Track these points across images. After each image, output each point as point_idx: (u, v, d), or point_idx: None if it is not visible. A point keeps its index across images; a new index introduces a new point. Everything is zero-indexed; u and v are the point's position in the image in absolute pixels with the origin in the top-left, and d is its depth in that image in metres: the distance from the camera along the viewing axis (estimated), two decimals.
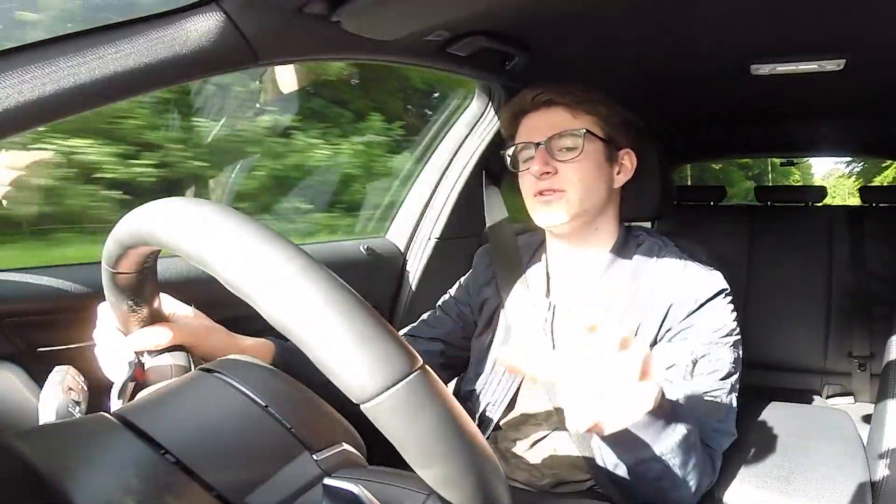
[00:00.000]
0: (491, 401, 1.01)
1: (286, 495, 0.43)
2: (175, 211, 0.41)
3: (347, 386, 0.34)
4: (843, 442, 1.08)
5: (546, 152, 0.94)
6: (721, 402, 0.87)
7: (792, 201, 2.30)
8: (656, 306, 0.92)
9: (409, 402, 0.34)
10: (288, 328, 0.35)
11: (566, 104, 0.95)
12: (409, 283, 1.46)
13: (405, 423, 0.34)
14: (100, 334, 0.66)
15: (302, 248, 0.37)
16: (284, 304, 0.35)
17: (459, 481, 0.36)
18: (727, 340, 0.90)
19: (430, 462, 0.36)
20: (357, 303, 0.36)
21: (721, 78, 1.42)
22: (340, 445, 0.48)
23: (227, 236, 0.37)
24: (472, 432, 0.37)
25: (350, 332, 0.34)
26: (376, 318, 0.36)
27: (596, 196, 0.96)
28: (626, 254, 0.99)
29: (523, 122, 1.00)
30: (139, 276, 0.53)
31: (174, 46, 0.68)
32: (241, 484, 0.42)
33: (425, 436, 0.35)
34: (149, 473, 0.40)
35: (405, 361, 0.35)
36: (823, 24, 1.06)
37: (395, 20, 0.91)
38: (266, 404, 0.48)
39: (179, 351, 0.64)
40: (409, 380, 0.34)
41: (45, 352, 0.84)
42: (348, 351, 0.34)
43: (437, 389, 0.36)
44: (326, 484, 0.40)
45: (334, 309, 0.35)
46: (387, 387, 0.34)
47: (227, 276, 0.36)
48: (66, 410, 0.52)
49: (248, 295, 0.36)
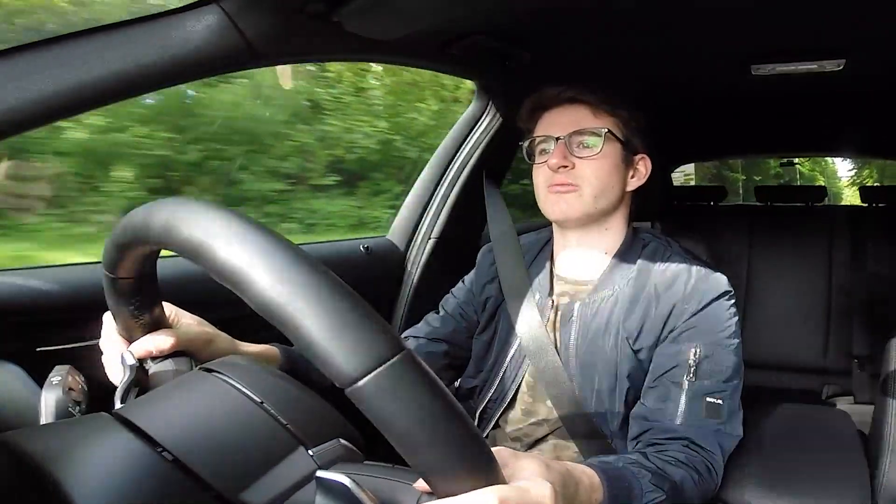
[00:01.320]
0: (491, 398, 1.02)
1: (282, 490, 0.43)
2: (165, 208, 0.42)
3: (331, 370, 0.34)
4: (843, 442, 1.08)
5: (565, 147, 0.95)
6: (724, 403, 0.87)
7: (792, 201, 2.31)
8: (660, 306, 0.92)
9: (394, 386, 0.34)
10: (272, 314, 0.35)
11: (589, 103, 0.96)
12: (409, 283, 1.46)
13: (390, 407, 0.34)
14: (105, 342, 0.66)
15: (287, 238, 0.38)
16: (267, 290, 0.35)
17: (448, 467, 0.36)
18: (730, 342, 0.90)
19: (416, 447, 0.35)
20: (339, 287, 0.36)
21: (721, 78, 1.42)
22: (337, 441, 0.49)
23: (213, 228, 0.38)
24: (460, 416, 0.37)
25: (332, 316, 0.34)
26: (359, 302, 0.36)
27: (609, 196, 0.97)
28: (632, 254, 1.00)
29: (544, 117, 1.00)
30: (138, 282, 0.54)
31: (174, 46, 0.68)
32: (238, 480, 0.43)
33: (411, 420, 0.35)
34: (147, 472, 0.41)
35: (388, 344, 0.35)
36: (823, 25, 1.06)
37: (395, 20, 0.91)
38: (261, 401, 0.48)
39: (182, 356, 0.65)
40: (392, 362, 0.34)
41: (45, 352, 0.84)
42: (331, 335, 0.34)
43: (423, 373, 0.35)
44: (319, 476, 0.40)
45: (316, 294, 0.35)
46: (369, 369, 0.34)
47: (213, 265, 0.37)
48: (66, 410, 0.52)
49: (233, 283, 0.36)
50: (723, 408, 0.86)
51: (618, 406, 0.91)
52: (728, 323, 0.91)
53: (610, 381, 0.92)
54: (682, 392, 0.86)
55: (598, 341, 0.93)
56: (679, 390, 0.86)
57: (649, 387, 0.90)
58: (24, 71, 0.60)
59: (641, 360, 0.91)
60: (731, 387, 0.89)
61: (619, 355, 0.91)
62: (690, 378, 0.87)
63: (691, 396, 0.86)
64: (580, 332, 0.95)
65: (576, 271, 1.02)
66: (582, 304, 0.96)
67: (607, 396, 0.92)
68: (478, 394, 1.04)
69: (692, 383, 0.87)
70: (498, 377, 1.01)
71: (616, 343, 0.92)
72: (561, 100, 0.98)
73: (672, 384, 0.87)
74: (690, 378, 0.87)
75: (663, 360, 0.89)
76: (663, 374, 0.88)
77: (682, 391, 0.86)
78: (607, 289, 0.96)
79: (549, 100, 0.99)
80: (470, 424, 0.38)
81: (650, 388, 0.89)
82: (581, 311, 0.96)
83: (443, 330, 1.11)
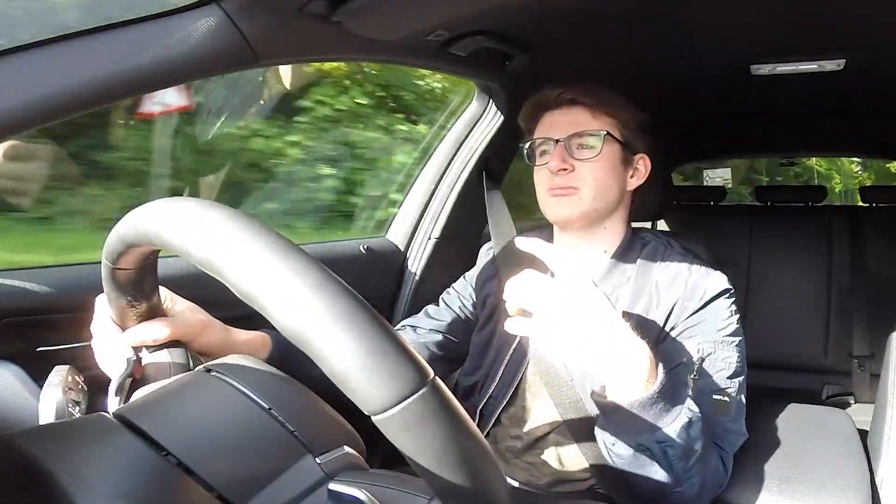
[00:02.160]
0: (492, 395, 1.02)
1: (289, 498, 0.43)
2: (183, 214, 0.40)
3: (360, 398, 0.34)
4: (843, 442, 1.08)
5: (564, 149, 0.96)
6: (730, 400, 0.87)
7: (792, 201, 2.30)
8: (661, 304, 0.93)
9: (421, 416, 0.35)
10: (301, 340, 0.35)
11: (588, 105, 0.97)
12: (408, 283, 1.46)
13: (416, 436, 0.35)
14: (96, 329, 0.65)
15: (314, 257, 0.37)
16: (298, 316, 0.35)
17: (464, 490, 0.37)
18: (732, 340, 0.91)
19: (438, 472, 0.36)
20: (370, 315, 0.36)
21: (721, 78, 1.42)
22: (342, 448, 0.48)
23: (238, 244, 0.37)
24: (480, 444, 0.38)
25: (363, 344, 0.34)
26: (389, 330, 0.36)
27: (608, 196, 0.98)
28: (632, 253, 1.00)
29: (544, 118, 1.01)
30: (139, 273, 0.53)
31: (174, 46, 0.68)
32: (244, 486, 0.42)
33: (435, 448, 0.35)
34: (150, 474, 0.40)
35: (417, 375, 0.35)
36: (823, 25, 1.06)
37: (395, 20, 0.91)
38: (269, 407, 0.48)
39: (177, 346, 0.64)
40: (420, 394, 0.35)
41: (45, 352, 0.84)
42: (361, 364, 0.34)
43: (448, 402, 0.36)
44: (332, 489, 0.40)
45: (347, 322, 0.35)
46: (399, 400, 0.34)
47: (240, 287, 0.36)
48: (66, 410, 0.52)
49: (261, 306, 0.36)
50: (730, 405, 0.87)
51: None
52: (730, 320, 0.91)
53: None
54: (688, 390, 0.86)
55: None
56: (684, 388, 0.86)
57: None
58: (24, 71, 0.60)
59: None
60: (737, 384, 0.89)
61: None
62: (695, 376, 0.86)
63: (697, 394, 0.85)
64: None
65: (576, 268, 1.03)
66: None
67: None
68: (478, 390, 1.04)
69: (696, 381, 0.86)
70: (498, 374, 1.02)
71: None
72: (560, 101, 0.99)
73: (678, 382, 0.87)
74: (695, 376, 0.86)
75: (666, 358, 0.88)
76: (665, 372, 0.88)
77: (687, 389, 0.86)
78: (607, 287, 0.96)
79: (549, 101, 1.00)
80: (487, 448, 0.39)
81: None
82: None
83: (442, 322, 1.11)
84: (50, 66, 0.61)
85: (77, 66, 0.62)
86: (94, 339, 0.66)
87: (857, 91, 1.50)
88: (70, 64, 0.62)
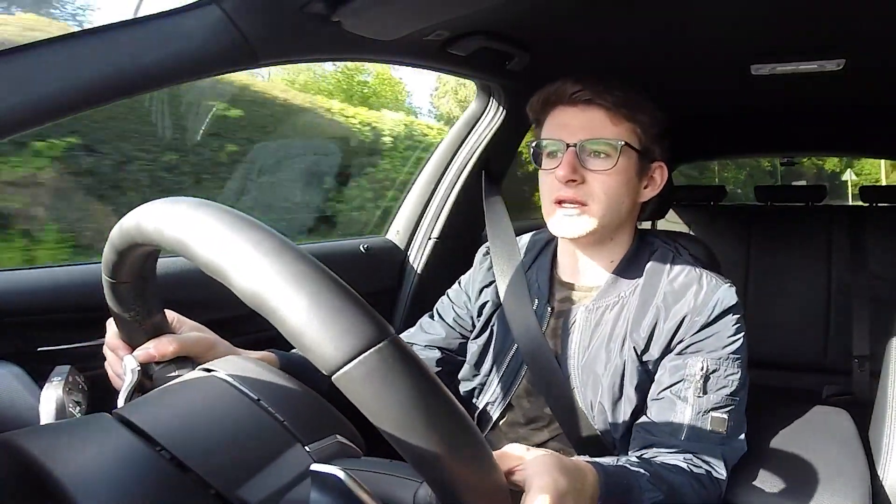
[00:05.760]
0: (489, 401, 1.00)
1: (279, 486, 0.43)
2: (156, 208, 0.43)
3: (316, 357, 0.34)
4: (843, 442, 1.07)
5: (575, 156, 0.87)
6: (729, 417, 0.85)
7: (792, 201, 2.30)
8: (670, 317, 0.89)
9: (380, 372, 0.34)
10: (259, 303, 0.35)
11: (606, 106, 0.88)
12: (408, 283, 1.46)
13: (376, 394, 0.34)
14: (108, 347, 0.67)
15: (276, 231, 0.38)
16: (254, 279, 0.35)
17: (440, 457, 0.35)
18: (737, 357, 0.88)
19: (406, 435, 0.35)
20: (324, 276, 0.36)
21: (721, 78, 1.42)
22: (334, 437, 0.49)
23: (198, 223, 0.38)
24: (449, 403, 0.36)
25: (316, 303, 0.34)
26: (345, 289, 0.36)
27: (619, 211, 0.91)
28: (639, 261, 0.95)
29: (555, 113, 0.92)
30: (138, 286, 0.54)
31: (174, 46, 0.68)
32: (235, 477, 0.43)
33: (399, 407, 0.34)
34: (146, 471, 0.41)
35: (374, 330, 0.34)
36: (823, 24, 1.06)
37: (395, 20, 0.91)
38: (258, 398, 0.49)
39: (185, 361, 0.66)
40: (377, 348, 0.34)
41: (45, 352, 0.84)
42: (315, 322, 0.34)
43: (410, 358, 0.35)
44: (313, 469, 0.40)
45: (301, 281, 0.35)
46: (354, 355, 0.33)
47: (201, 257, 0.37)
48: (66, 410, 0.53)
49: (221, 273, 0.36)
50: (728, 422, 0.85)
51: (620, 415, 0.89)
52: (736, 337, 0.88)
53: (613, 390, 0.89)
54: (688, 406, 0.84)
55: (601, 349, 0.90)
56: (685, 405, 0.84)
57: (654, 399, 0.87)
58: (24, 71, 0.60)
59: (648, 370, 0.89)
60: (738, 401, 0.87)
61: (626, 364, 0.88)
62: (697, 393, 0.85)
63: (697, 411, 0.84)
64: (582, 339, 0.93)
65: (578, 276, 0.99)
66: (585, 310, 0.94)
67: (609, 405, 0.89)
68: (476, 396, 1.02)
69: (698, 398, 0.85)
70: (496, 381, 1.00)
71: (623, 352, 0.89)
72: (575, 100, 0.89)
73: (678, 398, 0.85)
74: (697, 393, 0.85)
75: (669, 372, 0.87)
76: (669, 386, 0.86)
77: (688, 405, 0.84)
78: (612, 296, 0.93)
79: (562, 97, 0.90)
80: (459, 410, 0.37)
81: (655, 399, 0.87)
82: (583, 318, 0.93)
83: (437, 336, 1.08)
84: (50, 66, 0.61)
85: (77, 65, 0.63)
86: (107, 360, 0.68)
87: (857, 91, 1.50)
88: (70, 64, 0.62)
